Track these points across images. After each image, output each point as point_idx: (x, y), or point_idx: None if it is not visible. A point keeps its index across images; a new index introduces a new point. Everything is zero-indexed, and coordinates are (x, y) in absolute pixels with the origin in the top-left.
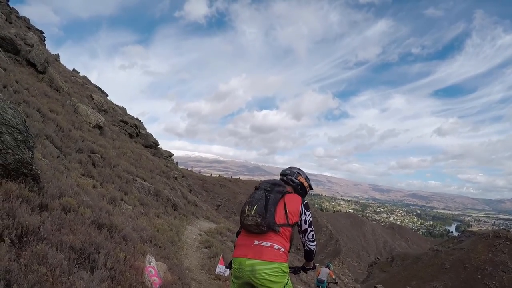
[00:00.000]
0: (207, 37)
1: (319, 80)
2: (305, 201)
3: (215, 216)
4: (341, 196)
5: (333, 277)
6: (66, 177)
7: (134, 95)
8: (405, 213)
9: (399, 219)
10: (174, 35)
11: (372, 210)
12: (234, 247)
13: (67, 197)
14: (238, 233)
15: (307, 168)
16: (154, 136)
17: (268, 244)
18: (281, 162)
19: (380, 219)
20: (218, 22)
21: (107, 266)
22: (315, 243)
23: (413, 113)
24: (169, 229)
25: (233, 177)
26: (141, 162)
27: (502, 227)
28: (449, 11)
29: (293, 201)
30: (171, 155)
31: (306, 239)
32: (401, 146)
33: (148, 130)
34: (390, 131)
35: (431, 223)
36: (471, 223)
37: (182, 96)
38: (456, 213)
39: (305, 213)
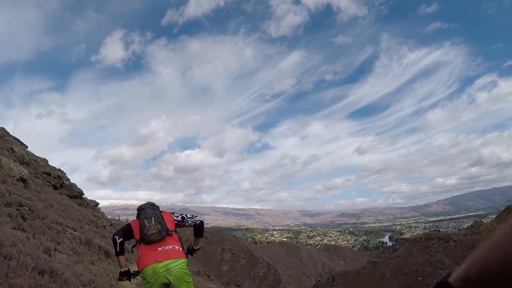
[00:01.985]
0: (124, 81)
1: (238, 115)
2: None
3: None
4: (273, 226)
5: None
6: (1, 230)
7: (53, 144)
8: (338, 233)
9: (333, 240)
10: (91, 80)
11: (305, 235)
12: (138, 260)
13: (6, 247)
14: (131, 249)
15: (236, 204)
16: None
17: (170, 246)
18: (208, 200)
19: (314, 243)
20: (135, 65)
21: None
22: (197, 216)
23: (332, 136)
24: (105, 274)
25: None
26: (68, 213)
27: (432, 229)
28: (357, 37)
29: (166, 214)
30: (97, 204)
31: (189, 219)
32: (324, 170)
33: (72, 180)
34: (312, 157)
35: (364, 238)
36: (402, 231)
37: (102, 143)
38: (387, 224)
39: (174, 215)
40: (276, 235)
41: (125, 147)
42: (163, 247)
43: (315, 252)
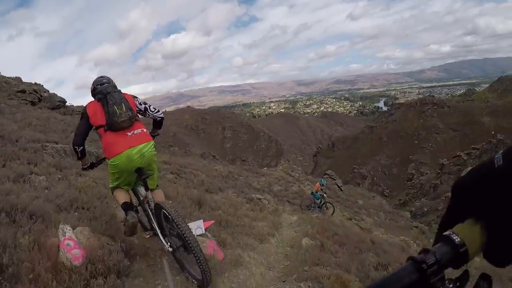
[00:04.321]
0: None
1: None
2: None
3: None
4: (269, 99)
5: (315, 189)
6: None
7: (34, 62)
8: (334, 100)
9: (330, 107)
10: None
11: (302, 104)
12: (107, 148)
13: None
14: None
15: (230, 81)
16: (66, 97)
17: (139, 130)
18: (202, 82)
19: (312, 111)
20: None
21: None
22: (160, 112)
23: (322, 3)
24: (95, 184)
25: None
26: (50, 126)
27: (427, 95)
28: None
29: (128, 96)
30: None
31: (151, 113)
32: (316, 38)
33: (59, 93)
34: (303, 26)
35: (360, 103)
36: (397, 96)
37: (83, 47)
38: (381, 89)
39: (137, 100)
40: (274, 107)
41: (108, 45)
42: (132, 132)
43: (313, 120)
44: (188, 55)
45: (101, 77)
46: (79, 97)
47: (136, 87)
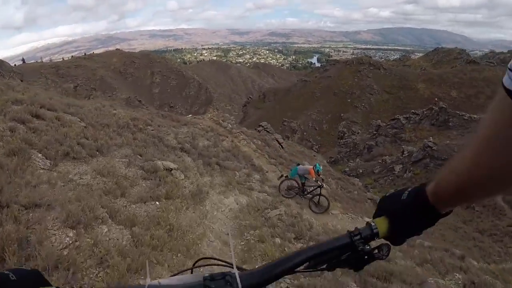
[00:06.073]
0: None
1: None
2: None
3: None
4: (202, 46)
5: (314, 178)
6: None
7: None
8: (268, 52)
9: (263, 58)
10: None
11: (235, 53)
12: None
13: None
14: None
15: (162, 25)
16: None
17: None
18: (134, 24)
19: (244, 61)
20: None
21: None
22: None
23: None
24: None
25: (86, 54)
26: None
27: (360, 55)
28: None
29: None
30: None
31: None
32: None
33: None
34: None
35: (293, 57)
36: (331, 53)
37: None
38: (316, 46)
39: None
40: (206, 54)
41: None
42: None
43: (244, 70)
44: None
45: None
46: (3, 37)
47: (64, 28)
